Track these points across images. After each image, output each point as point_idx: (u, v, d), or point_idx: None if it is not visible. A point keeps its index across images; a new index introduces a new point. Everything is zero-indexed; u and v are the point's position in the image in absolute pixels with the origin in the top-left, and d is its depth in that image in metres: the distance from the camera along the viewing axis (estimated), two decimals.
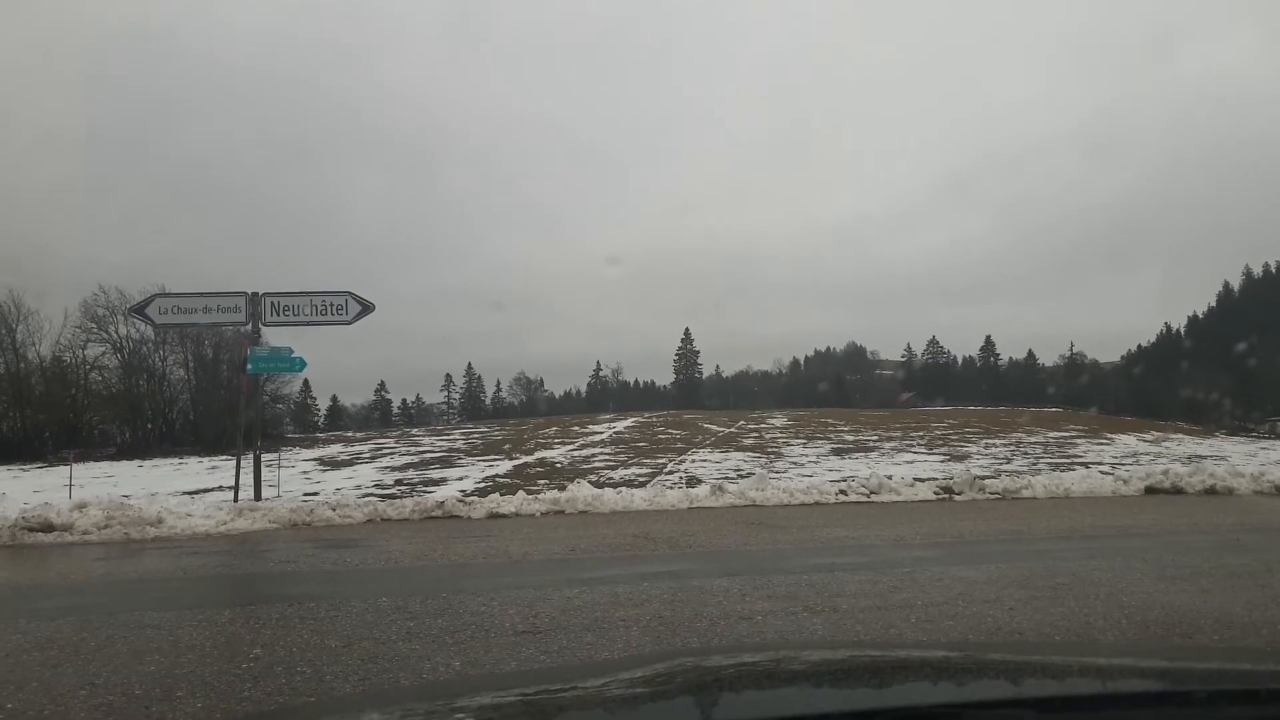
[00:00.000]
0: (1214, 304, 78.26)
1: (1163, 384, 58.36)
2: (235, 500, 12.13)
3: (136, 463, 30.29)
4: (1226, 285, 79.24)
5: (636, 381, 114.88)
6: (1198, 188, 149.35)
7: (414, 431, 48.72)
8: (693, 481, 16.11)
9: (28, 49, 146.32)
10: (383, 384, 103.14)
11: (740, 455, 24.53)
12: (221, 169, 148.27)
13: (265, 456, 14.04)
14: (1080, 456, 23.00)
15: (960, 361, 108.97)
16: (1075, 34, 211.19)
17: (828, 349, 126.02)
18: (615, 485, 15.13)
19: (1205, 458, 21.22)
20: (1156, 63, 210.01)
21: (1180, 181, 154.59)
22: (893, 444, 27.93)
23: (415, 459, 25.99)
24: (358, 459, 27.21)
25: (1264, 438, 36.75)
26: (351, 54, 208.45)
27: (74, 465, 19.21)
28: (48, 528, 9.52)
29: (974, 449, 25.79)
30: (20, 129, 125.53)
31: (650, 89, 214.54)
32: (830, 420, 41.05)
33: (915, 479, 14.66)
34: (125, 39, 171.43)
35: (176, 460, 30.80)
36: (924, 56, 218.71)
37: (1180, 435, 32.98)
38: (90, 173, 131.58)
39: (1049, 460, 21.77)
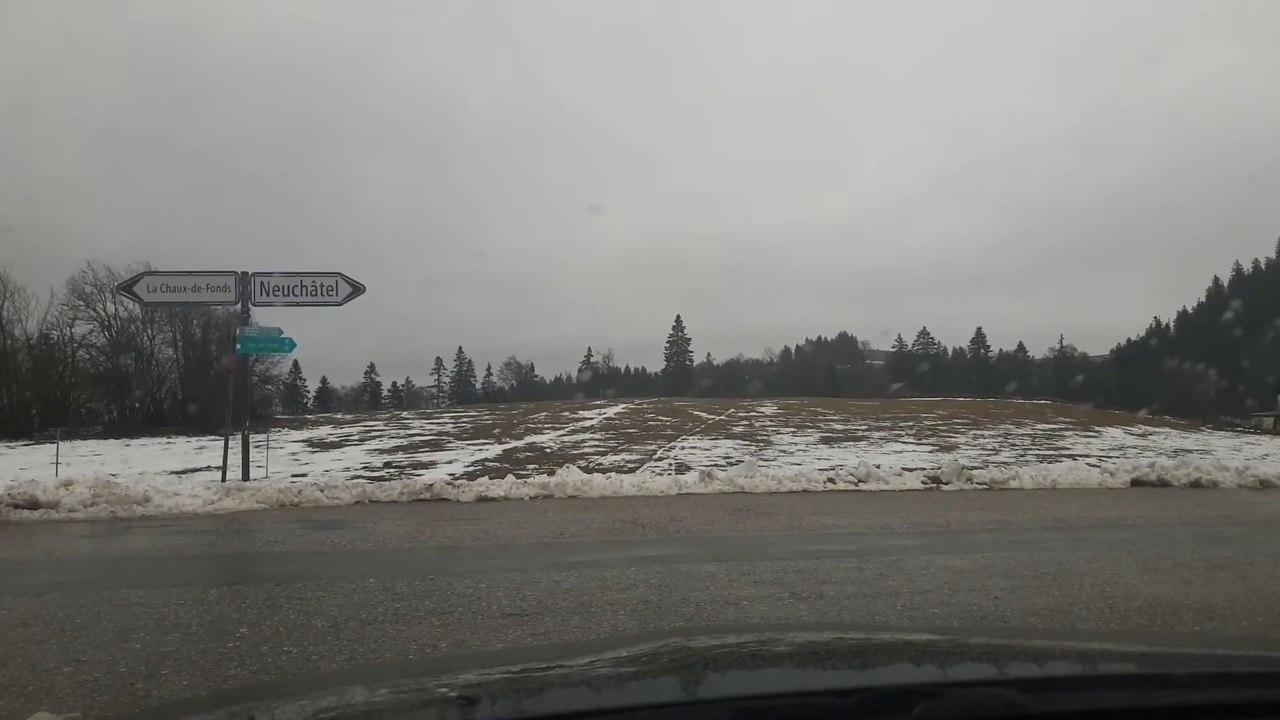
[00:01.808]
0: (1204, 299, 78.79)
1: (1151, 378, 58.75)
2: (223, 480, 12.10)
3: (124, 441, 30.09)
4: (1216, 280, 79.80)
5: (628, 368, 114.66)
6: (1188, 188, 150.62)
7: (403, 414, 48.63)
8: (682, 468, 16.14)
9: (51, 36, 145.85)
10: (372, 366, 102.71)
11: (730, 443, 24.58)
12: (234, 154, 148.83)
13: (253, 437, 14.00)
14: (1068, 449, 23.14)
15: (951, 353, 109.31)
16: (1069, 39, 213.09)
17: (819, 338, 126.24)
18: (604, 471, 15.15)
19: (1191, 451, 21.39)
20: (1147, 68, 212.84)
21: (1170, 181, 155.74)
22: (882, 433, 28.03)
23: (404, 442, 25.93)
24: (346, 441, 27.13)
25: (1250, 432, 37.07)
26: (371, 44, 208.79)
27: (60, 443, 19.09)
28: (33, 504, 9.47)
29: (962, 440, 25.91)
30: (41, 113, 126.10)
31: (660, 83, 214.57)
32: (820, 409, 41.15)
33: (903, 468, 14.74)
34: (150, 27, 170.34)
35: (164, 440, 30.62)
36: (921, 57, 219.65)
37: (1167, 429, 33.21)
38: (105, 157, 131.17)
39: (1037, 452, 21.90)
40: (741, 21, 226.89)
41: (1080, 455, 20.55)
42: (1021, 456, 20.25)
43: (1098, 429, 30.20)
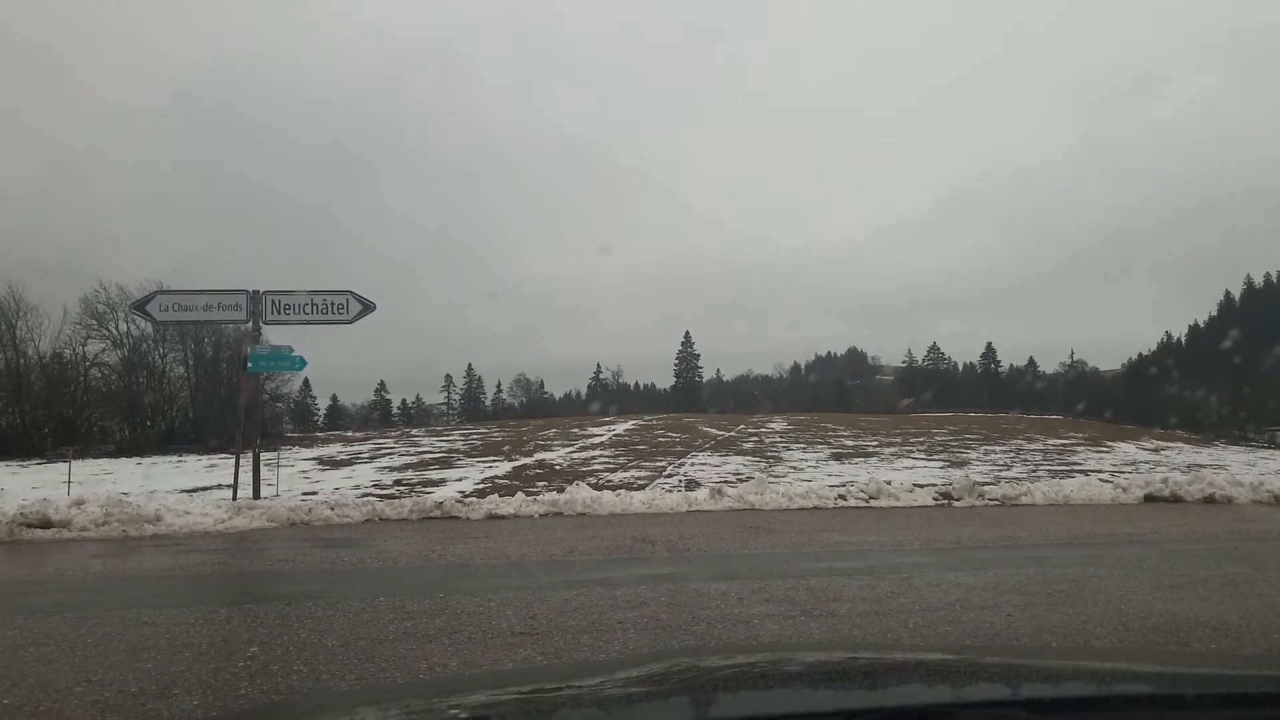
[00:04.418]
0: (1215, 313, 78.30)
1: (1163, 392, 58.38)
2: (234, 499, 12.13)
3: (135, 460, 30.22)
4: (1228, 295, 79.30)
5: (637, 384, 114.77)
6: (1192, 205, 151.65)
7: (413, 432, 48.72)
8: (692, 485, 16.10)
9: (115, 84, 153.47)
10: (382, 384, 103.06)
11: (739, 459, 24.51)
12: (269, 187, 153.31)
13: (264, 455, 14.05)
14: (1080, 464, 22.98)
15: (961, 368, 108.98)
16: (1072, 68, 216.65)
17: (828, 354, 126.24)
18: (614, 488, 15.11)
19: (1204, 466, 21.19)
20: (1148, 93, 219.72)
21: (1175, 199, 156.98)
22: (892, 449, 27.90)
23: (414, 459, 25.96)
24: (357, 459, 27.18)
25: (1264, 447, 36.72)
26: (401, 84, 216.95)
27: (73, 462, 19.19)
28: (46, 524, 9.52)
29: (974, 455, 25.77)
30: (103, 153, 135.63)
31: (676, 111, 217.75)
32: (830, 425, 41.01)
33: (914, 484, 14.65)
34: (207, 74, 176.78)
35: (175, 458, 30.75)
36: (929, 85, 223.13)
37: (1180, 444, 32.94)
38: (154, 195, 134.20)
39: (1048, 467, 21.75)
40: (756, 53, 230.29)
41: (1092, 471, 20.40)
42: (1033, 472, 20.11)
43: (1110, 444, 30.00)
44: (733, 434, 35.55)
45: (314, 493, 15.17)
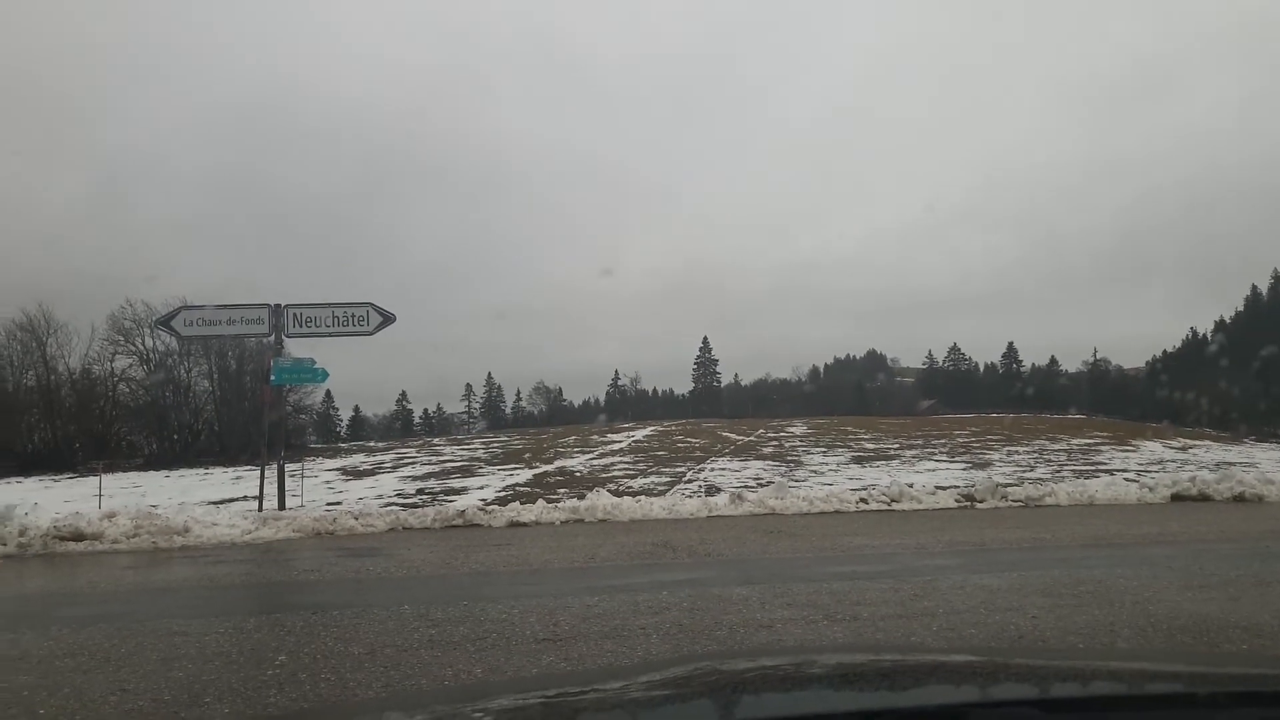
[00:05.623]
0: (1241, 308, 77.09)
1: (1189, 390, 57.50)
2: (260, 510, 12.27)
3: (163, 473, 30.57)
4: (1255, 289, 78.07)
5: (655, 390, 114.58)
6: (1213, 202, 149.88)
7: (435, 441, 48.95)
8: (712, 490, 16.08)
9: (149, 114, 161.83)
10: (404, 394, 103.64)
11: (759, 463, 24.42)
12: (299, 208, 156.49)
13: (289, 466, 14.19)
14: (1105, 463, 22.69)
15: (982, 368, 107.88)
16: (1086, 61, 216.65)
17: (847, 356, 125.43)
18: (634, 494, 15.11)
19: (1233, 465, 20.86)
20: (1165, 88, 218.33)
21: (1195, 195, 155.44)
22: (914, 452, 27.68)
23: (436, 468, 26.08)
24: (379, 468, 27.34)
25: None
26: (427, 109, 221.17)
27: (103, 475, 19.43)
28: (78, 537, 9.68)
29: (996, 456, 25.51)
30: (133, 179, 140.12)
31: (692, 123, 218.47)
32: (850, 428, 40.73)
33: (937, 487, 14.55)
34: (235, 103, 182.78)
35: (202, 470, 31.08)
36: (941, 83, 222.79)
37: (1207, 442, 32.42)
38: (179, 217, 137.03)
39: (1073, 467, 21.50)
40: (765, 58, 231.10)
41: (1118, 470, 20.15)
42: (1057, 472, 19.89)
43: (1135, 443, 29.57)
44: (752, 438, 35.42)
45: (338, 503, 15.29)
